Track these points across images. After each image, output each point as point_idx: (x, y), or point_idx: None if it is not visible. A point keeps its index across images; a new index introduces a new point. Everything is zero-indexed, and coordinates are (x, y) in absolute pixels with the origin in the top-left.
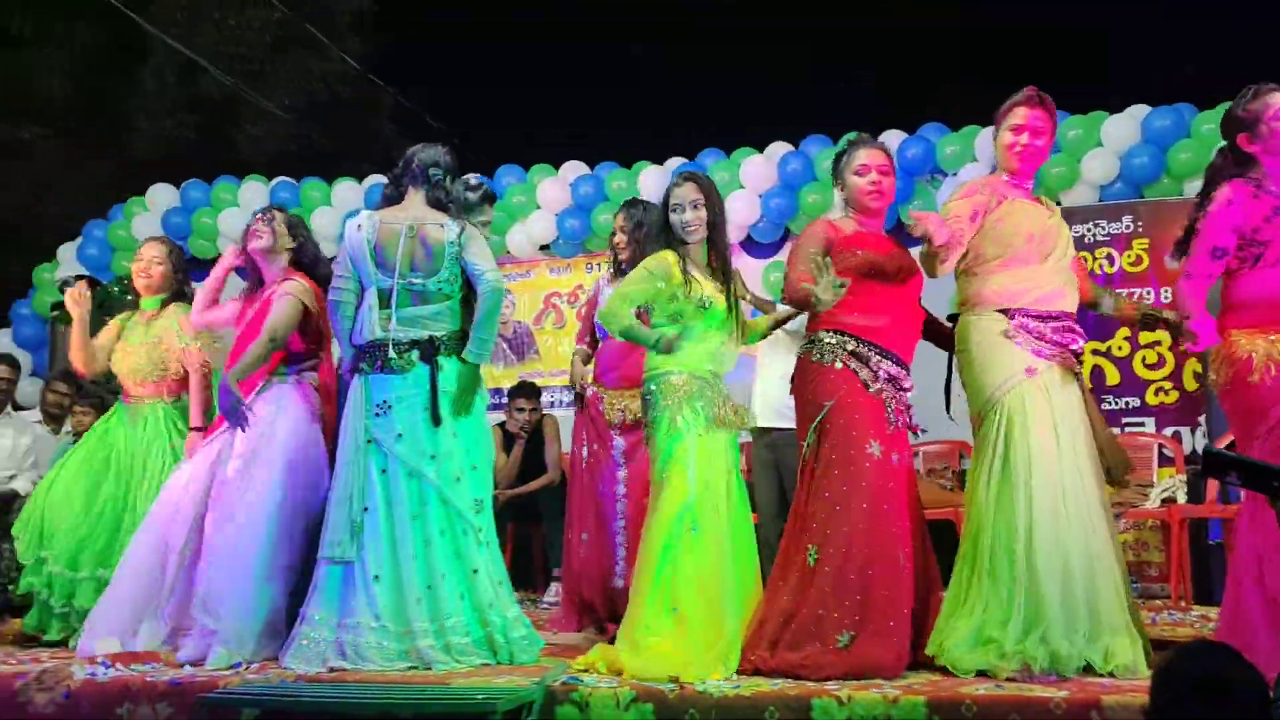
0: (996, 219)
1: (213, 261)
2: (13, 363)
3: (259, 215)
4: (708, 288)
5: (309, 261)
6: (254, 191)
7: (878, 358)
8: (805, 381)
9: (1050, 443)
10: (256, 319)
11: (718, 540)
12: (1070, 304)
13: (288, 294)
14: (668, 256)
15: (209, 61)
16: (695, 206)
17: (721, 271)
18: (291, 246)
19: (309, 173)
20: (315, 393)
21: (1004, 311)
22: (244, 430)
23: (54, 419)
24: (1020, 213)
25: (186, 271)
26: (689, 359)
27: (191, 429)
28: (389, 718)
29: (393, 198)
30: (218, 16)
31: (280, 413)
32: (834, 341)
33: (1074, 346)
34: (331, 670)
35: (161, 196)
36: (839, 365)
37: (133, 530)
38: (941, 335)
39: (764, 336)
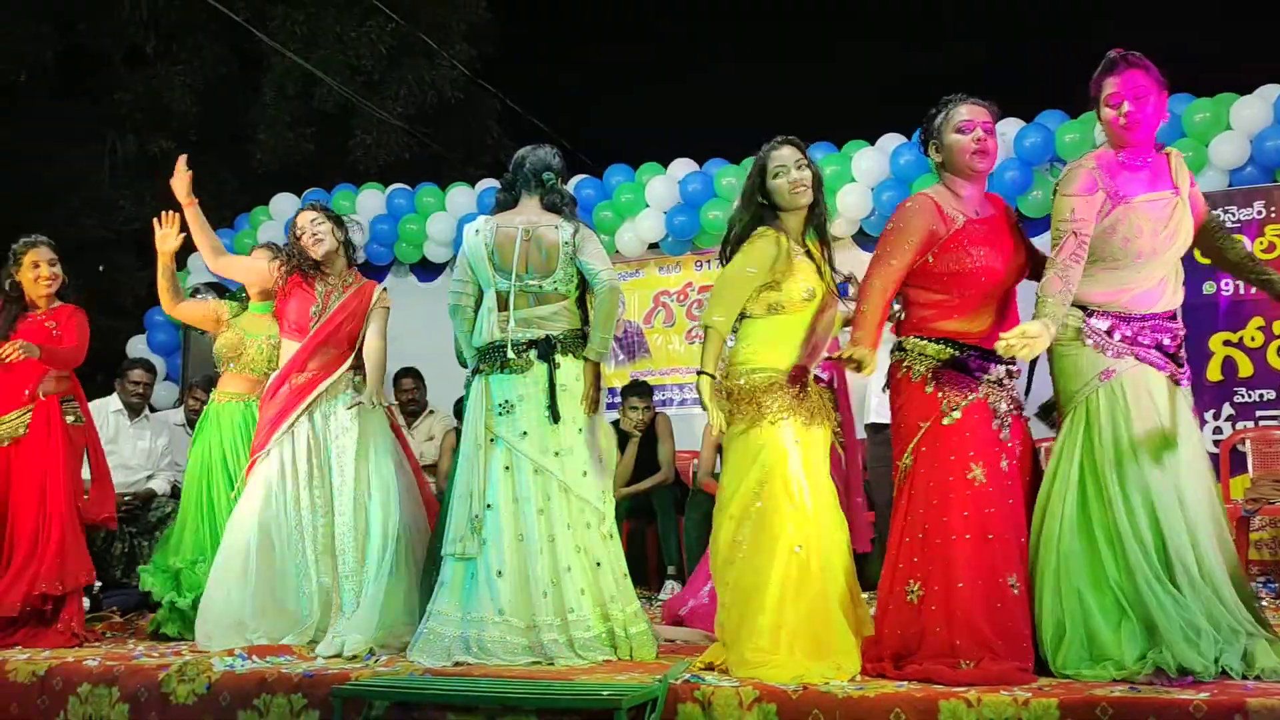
0: (1107, 226)
1: None
2: (149, 367)
3: (312, 220)
4: (810, 276)
5: (353, 255)
6: (371, 199)
7: (981, 361)
8: (897, 396)
9: (1126, 445)
10: (342, 318)
11: (820, 546)
12: (1169, 302)
13: (387, 307)
14: (769, 244)
15: (327, 74)
16: (800, 166)
17: (820, 244)
18: (343, 240)
19: (423, 179)
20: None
21: (1087, 311)
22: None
23: (134, 408)
24: (1134, 220)
25: None
26: (783, 355)
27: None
28: (514, 712)
29: (506, 202)
30: (337, 30)
31: (359, 411)
32: (929, 350)
33: (1166, 345)
34: (457, 664)
35: (284, 206)
36: (933, 382)
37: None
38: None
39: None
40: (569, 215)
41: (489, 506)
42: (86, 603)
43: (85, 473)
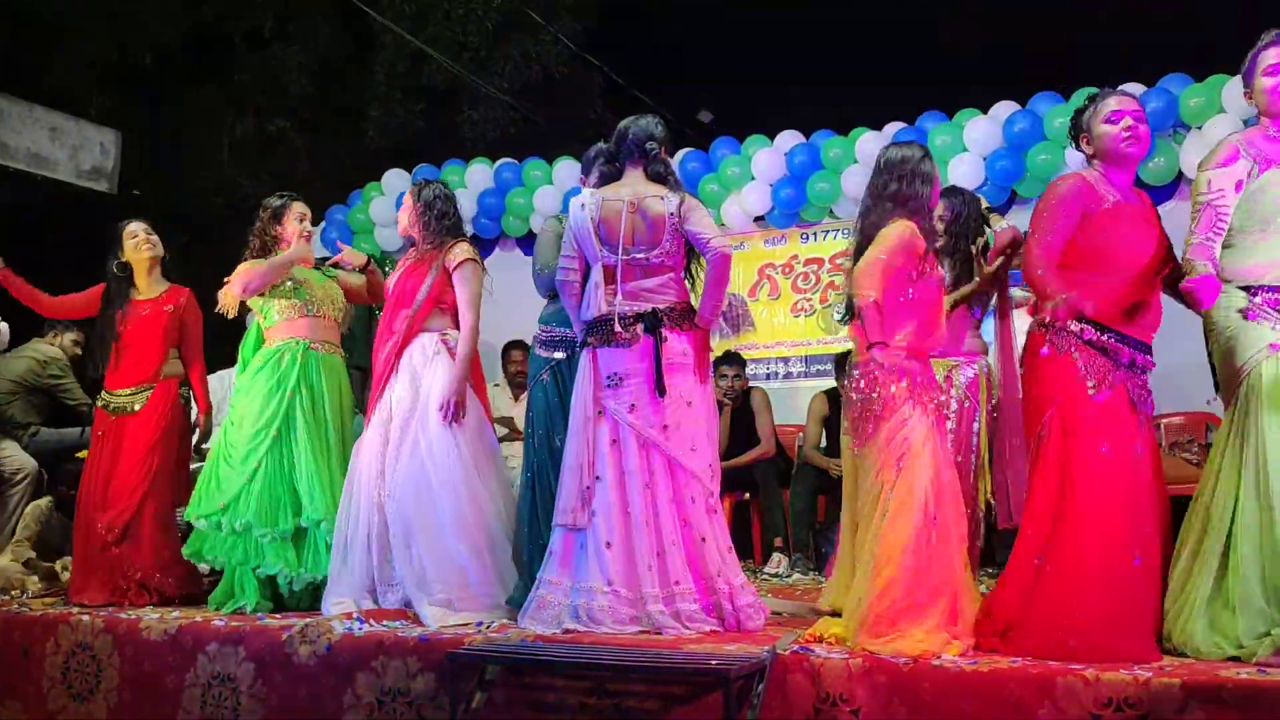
0: (1256, 189)
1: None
2: None
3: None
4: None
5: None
6: (480, 174)
7: (1120, 344)
8: (1033, 372)
9: None
10: (408, 280)
11: (952, 526)
12: None
13: (474, 260)
14: (913, 227)
15: (435, 51)
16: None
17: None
18: (422, 214)
19: (530, 153)
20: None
21: (1246, 289)
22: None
23: None
24: None
25: None
26: (916, 334)
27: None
28: (622, 678)
29: (611, 174)
30: (445, 7)
31: (439, 370)
32: (1071, 329)
33: None
34: (566, 631)
35: (395, 182)
36: (1073, 358)
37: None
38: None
39: (952, 309)
40: (674, 185)
41: (598, 479)
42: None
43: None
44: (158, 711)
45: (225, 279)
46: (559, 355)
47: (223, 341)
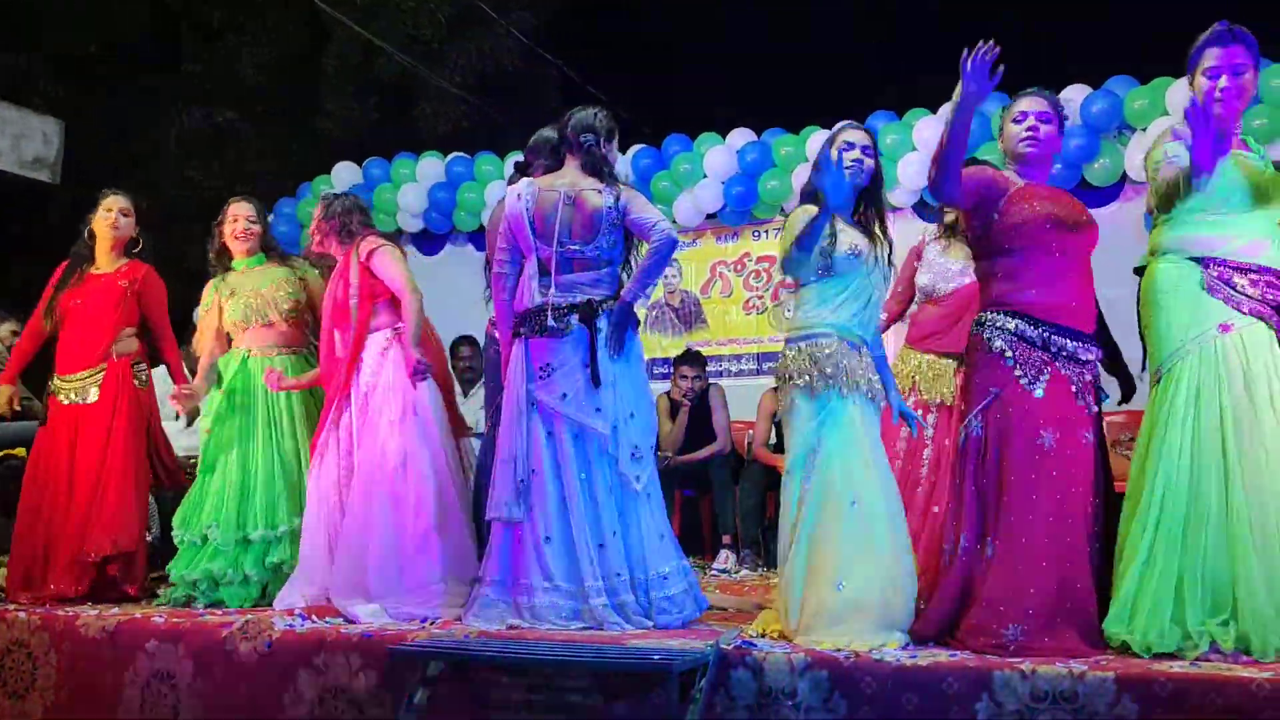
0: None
1: (391, 235)
2: None
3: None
4: (855, 238)
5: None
6: (431, 167)
7: (1056, 337)
8: (973, 364)
9: (1246, 408)
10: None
11: (876, 513)
12: (1274, 258)
13: (384, 245)
14: (813, 209)
15: (387, 43)
16: (866, 152)
17: (878, 226)
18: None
19: (483, 148)
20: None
21: (1199, 261)
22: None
23: None
24: (1234, 166)
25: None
26: (839, 317)
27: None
28: (567, 674)
29: (551, 165)
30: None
31: (395, 367)
32: (1006, 326)
33: (1277, 302)
34: (510, 628)
35: (345, 175)
36: (1008, 353)
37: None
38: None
39: None
40: (610, 178)
41: (533, 472)
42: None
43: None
44: (96, 709)
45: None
46: None
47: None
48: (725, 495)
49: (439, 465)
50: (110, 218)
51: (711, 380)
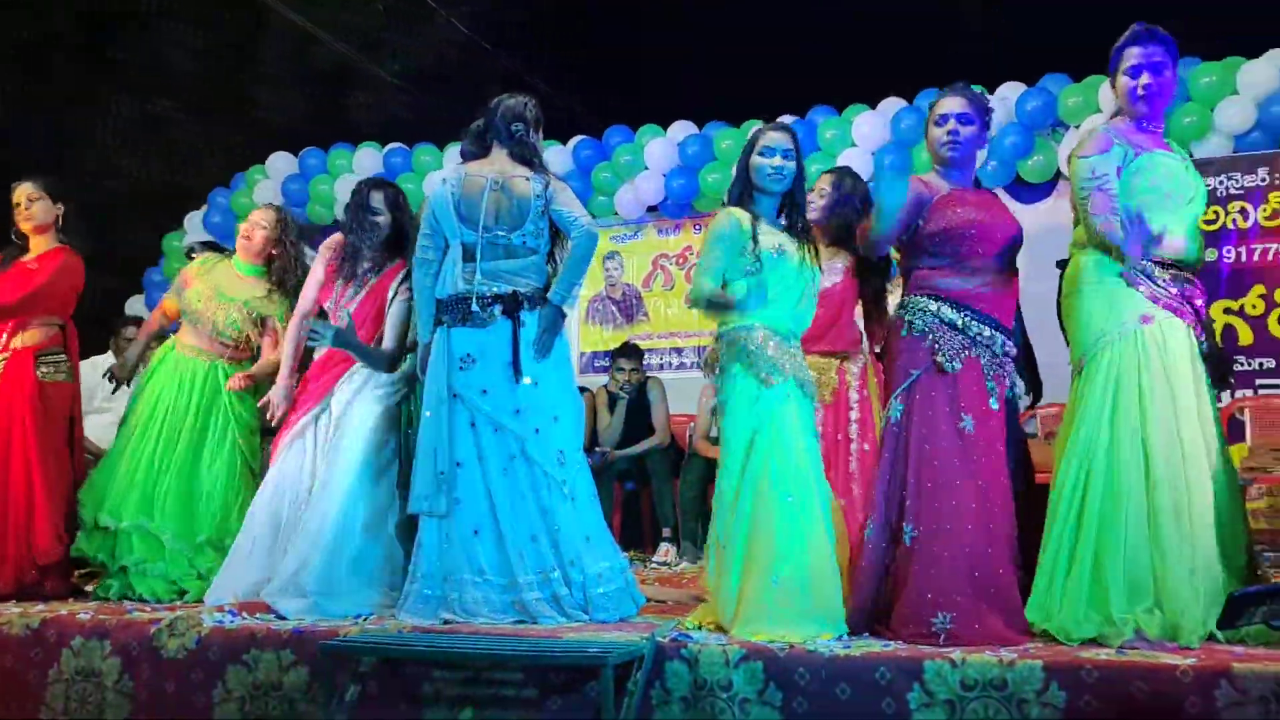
0: (1133, 172)
1: (329, 228)
2: (139, 322)
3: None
4: (779, 238)
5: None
6: (368, 158)
7: (976, 324)
8: (894, 349)
9: (1165, 398)
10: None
11: (810, 505)
12: (1194, 258)
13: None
14: (734, 213)
15: (325, 32)
16: (787, 156)
17: (800, 229)
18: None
19: (421, 139)
20: None
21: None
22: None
23: None
24: (1156, 168)
25: (298, 244)
26: (769, 313)
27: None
28: (500, 668)
29: (476, 152)
30: None
31: (361, 389)
32: (928, 308)
33: (1195, 300)
34: (445, 623)
35: (281, 165)
36: (929, 336)
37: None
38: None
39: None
40: (539, 167)
41: (459, 464)
42: None
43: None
44: (20, 709)
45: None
46: None
47: (95, 326)
48: (665, 488)
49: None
50: (18, 209)
51: (652, 373)
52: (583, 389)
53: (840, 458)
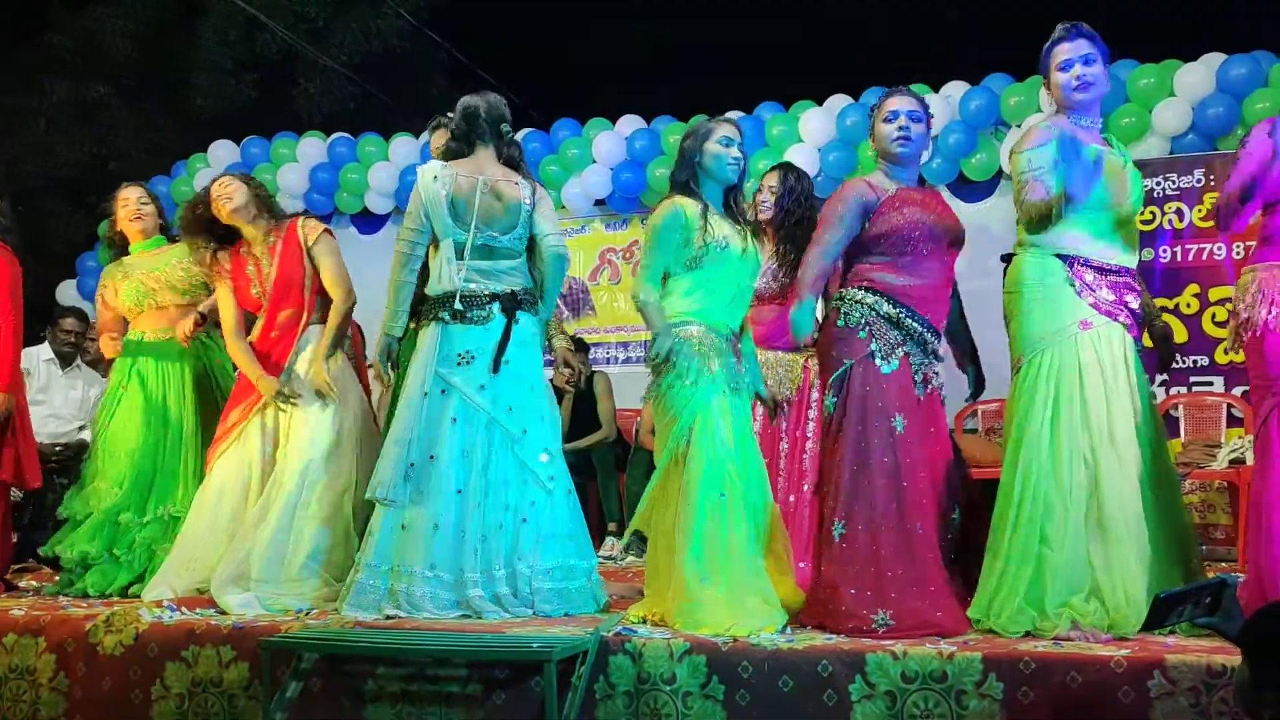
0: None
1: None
2: (81, 316)
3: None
4: (726, 229)
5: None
6: (313, 148)
7: (910, 320)
8: (829, 339)
9: (1100, 399)
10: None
11: (745, 503)
12: (1131, 259)
13: (327, 230)
14: (681, 204)
15: (270, 19)
16: (741, 149)
17: (743, 222)
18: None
19: (367, 128)
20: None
21: (1063, 258)
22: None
23: (65, 357)
24: (1100, 165)
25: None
26: (709, 309)
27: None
28: (445, 664)
29: (459, 151)
30: None
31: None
32: (864, 300)
33: (1132, 303)
34: (389, 617)
35: (222, 153)
36: (865, 329)
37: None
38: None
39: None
40: (526, 172)
41: (432, 458)
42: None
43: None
44: None
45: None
46: None
47: (30, 314)
48: (610, 483)
49: (354, 458)
50: None
51: (599, 368)
52: None
53: (795, 454)
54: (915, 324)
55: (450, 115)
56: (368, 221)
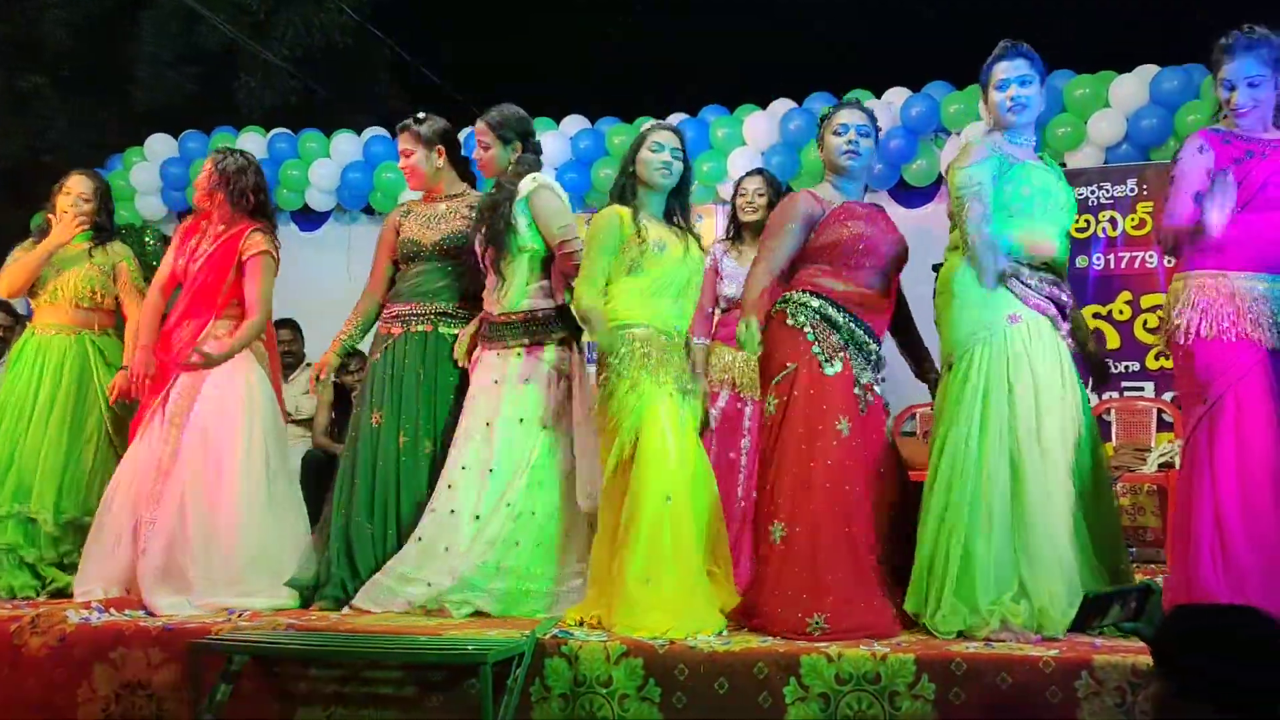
0: (1008, 180)
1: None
2: (9, 309)
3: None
4: (662, 232)
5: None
6: (252, 143)
7: (853, 325)
8: (773, 341)
9: (1028, 396)
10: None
11: (690, 507)
12: (1059, 260)
13: (267, 253)
14: (616, 211)
15: (210, 12)
16: (675, 155)
17: (682, 227)
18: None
19: (308, 124)
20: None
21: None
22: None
23: None
24: (1029, 177)
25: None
26: (652, 311)
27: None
28: (377, 666)
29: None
30: None
31: (235, 364)
32: (809, 303)
33: (1063, 302)
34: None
35: (160, 147)
36: (810, 329)
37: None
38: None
39: None
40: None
41: (464, 468)
42: None
43: None
44: None
45: None
46: (395, 331)
47: None
48: None
49: (268, 455)
50: None
51: None
52: None
53: (752, 456)
54: (858, 329)
55: (420, 116)
56: (308, 219)
